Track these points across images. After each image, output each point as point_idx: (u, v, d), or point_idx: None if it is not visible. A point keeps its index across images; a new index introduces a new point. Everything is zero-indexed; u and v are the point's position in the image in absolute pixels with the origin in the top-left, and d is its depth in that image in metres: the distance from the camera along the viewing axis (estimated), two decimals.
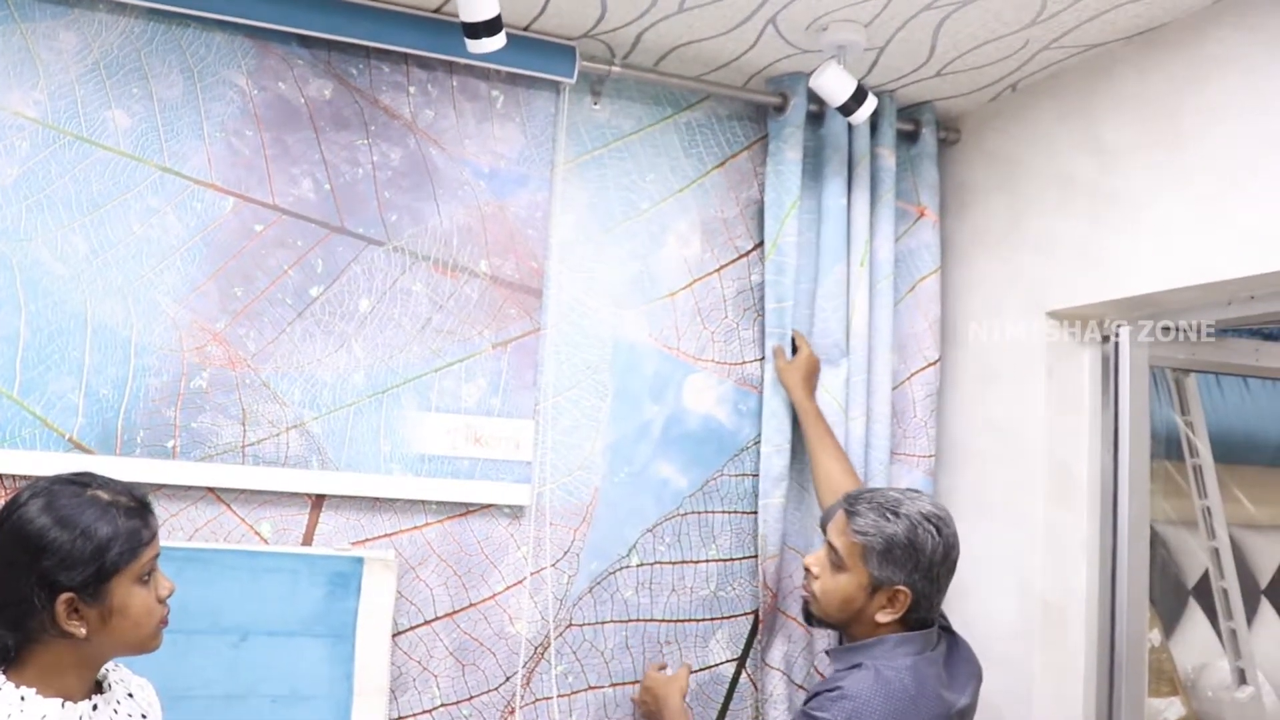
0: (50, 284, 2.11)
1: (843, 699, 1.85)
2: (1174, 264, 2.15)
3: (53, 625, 1.45)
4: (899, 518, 1.95)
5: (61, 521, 1.45)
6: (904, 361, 2.67)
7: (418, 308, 2.34)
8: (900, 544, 1.93)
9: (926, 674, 1.93)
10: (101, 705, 1.55)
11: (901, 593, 1.94)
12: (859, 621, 1.99)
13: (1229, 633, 2.80)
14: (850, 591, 1.97)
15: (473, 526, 2.37)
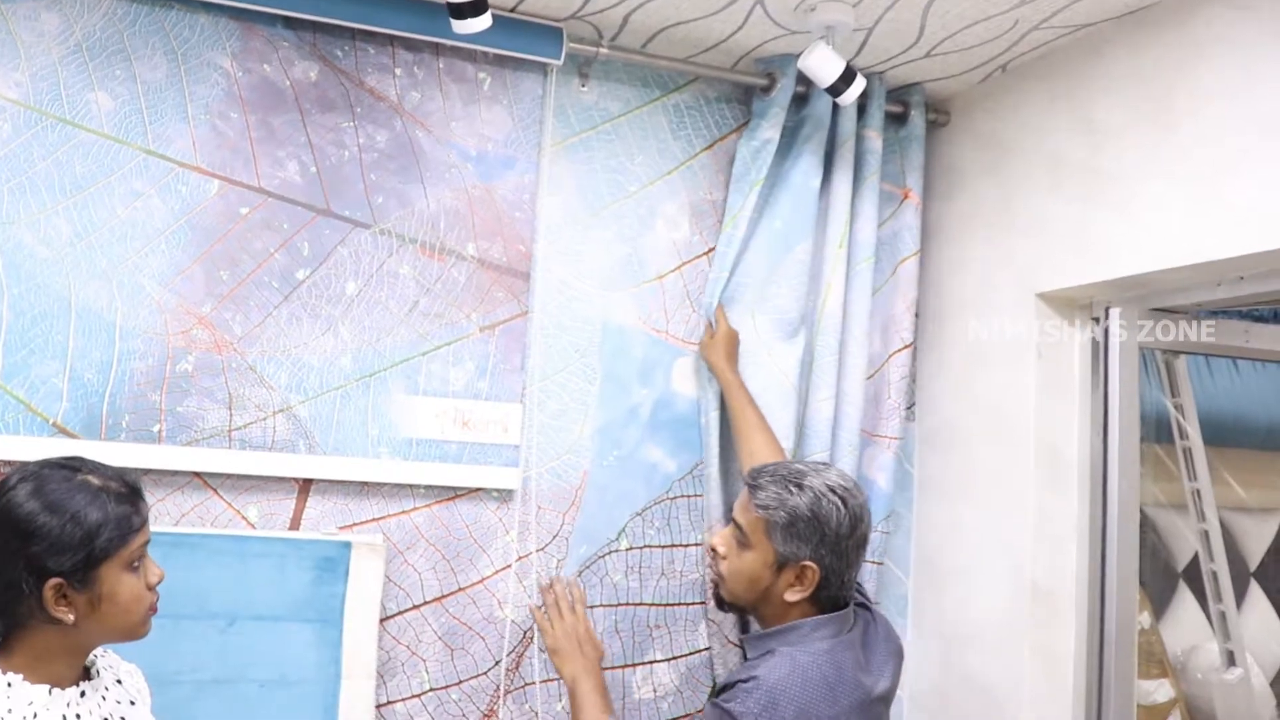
0: (33, 267, 2.09)
1: (757, 689, 1.78)
2: (1165, 245, 2.14)
3: (40, 611, 1.44)
4: (802, 490, 1.89)
5: (51, 506, 1.44)
6: (884, 344, 2.66)
7: (405, 291, 2.33)
8: (804, 517, 1.87)
9: (844, 659, 1.87)
10: (89, 692, 1.54)
11: (809, 569, 1.88)
12: (768, 602, 1.93)
13: (1218, 615, 2.80)
14: (756, 570, 1.92)
15: (461, 511, 2.36)
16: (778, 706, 1.75)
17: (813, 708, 1.77)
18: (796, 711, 1.76)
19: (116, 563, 1.47)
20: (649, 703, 2.51)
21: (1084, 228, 2.33)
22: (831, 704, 1.79)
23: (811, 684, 1.79)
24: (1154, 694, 2.66)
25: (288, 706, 2.15)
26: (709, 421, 2.49)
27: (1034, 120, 2.49)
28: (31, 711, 1.43)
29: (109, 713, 1.57)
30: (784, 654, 1.84)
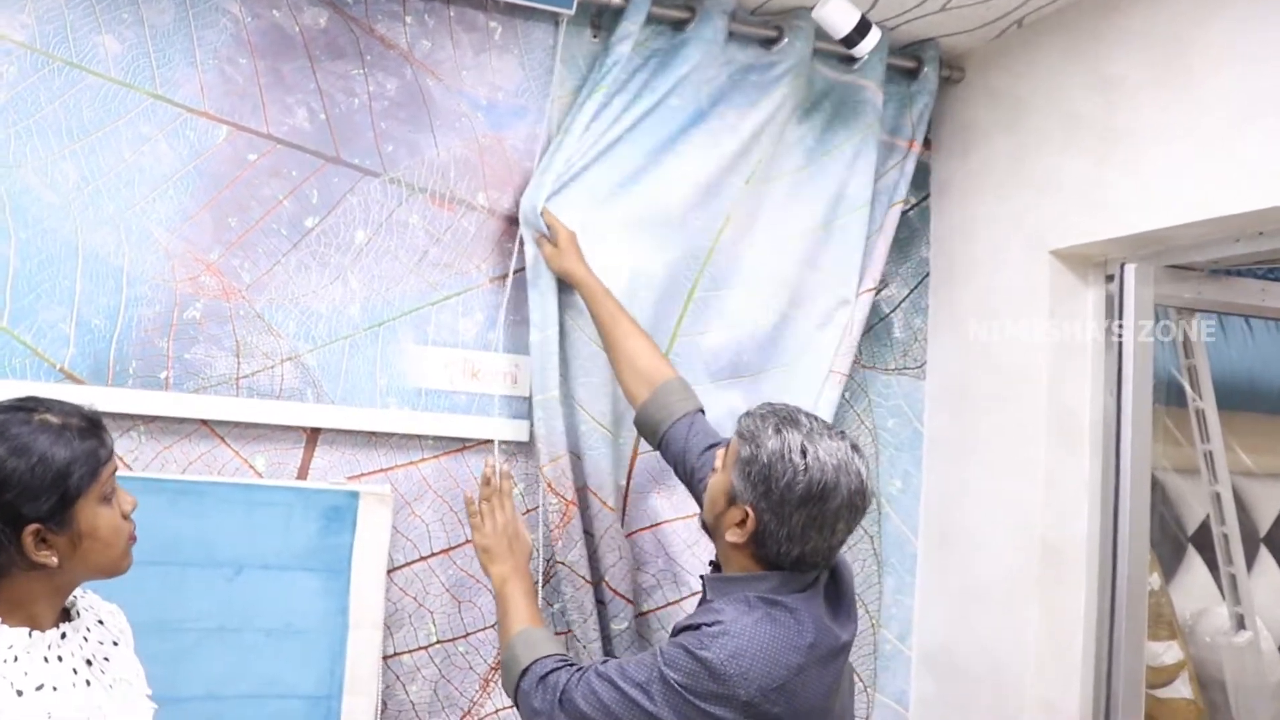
0: (40, 212, 2.07)
1: (724, 635, 1.68)
2: (1181, 200, 2.12)
3: (21, 559, 1.40)
4: (777, 435, 1.73)
5: (16, 451, 1.38)
6: (862, 285, 2.60)
7: (415, 240, 2.31)
8: (759, 461, 1.72)
9: (814, 608, 1.76)
10: (70, 633, 1.51)
11: (749, 517, 1.74)
12: (717, 533, 1.82)
13: (1228, 578, 2.78)
14: (716, 492, 1.81)
15: (469, 462, 2.35)
16: (744, 655, 1.67)
17: (783, 658, 1.69)
18: (767, 662, 1.68)
19: (91, 498, 1.43)
20: None
21: (1099, 184, 2.31)
22: (801, 654, 1.71)
23: (781, 635, 1.70)
24: (1162, 656, 2.65)
25: (294, 656, 2.15)
26: (545, 339, 2.30)
27: (1049, 77, 2.46)
28: (12, 654, 1.39)
29: (91, 654, 1.53)
30: (750, 601, 1.74)
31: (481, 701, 2.36)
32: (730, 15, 2.45)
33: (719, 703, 1.66)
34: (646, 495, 2.44)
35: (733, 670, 1.66)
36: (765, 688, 1.66)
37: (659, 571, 2.41)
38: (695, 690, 1.67)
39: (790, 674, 1.69)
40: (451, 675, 2.33)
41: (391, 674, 2.28)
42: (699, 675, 1.67)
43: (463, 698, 2.34)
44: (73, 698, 1.44)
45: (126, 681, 1.58)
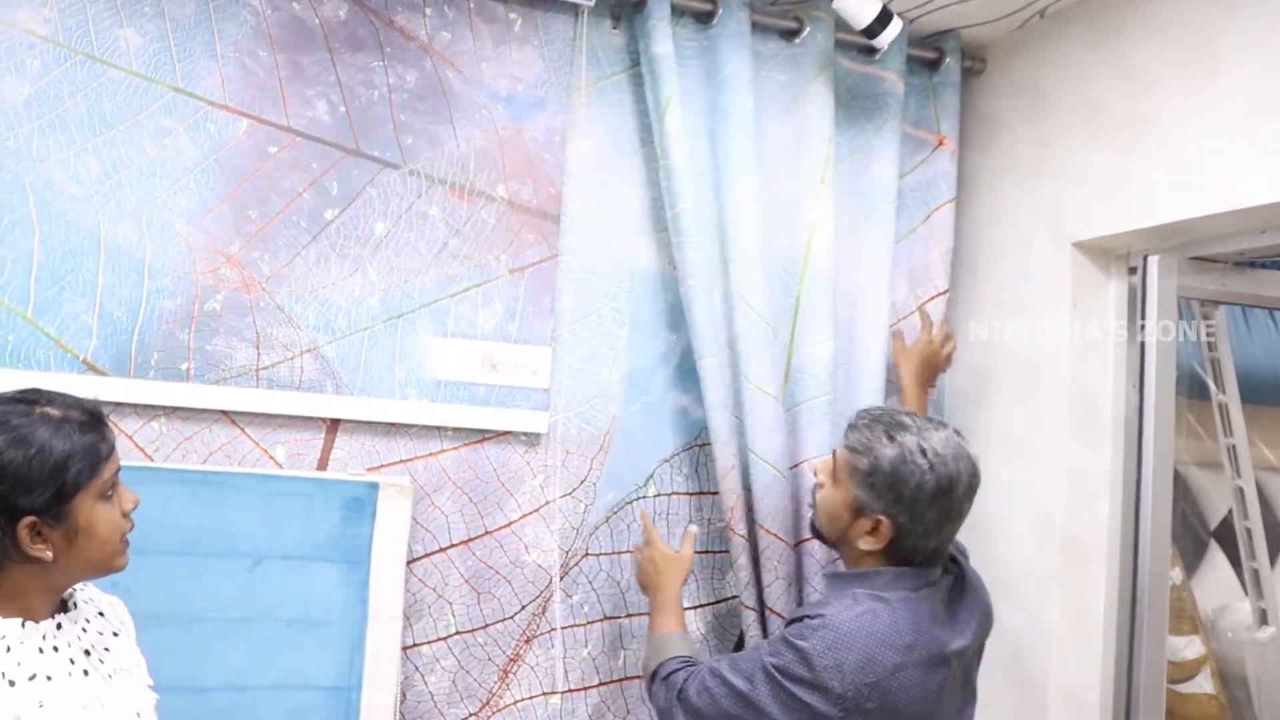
0: (63, 205, 2.08)
1: (824, 628, 1.76)
2: (1207, 190, 2.10)
3: (16, 551, 1.39)
4: (892, 443, 1.81)
5: (14, 442, 1.37)
6: (914, 290, 2.62)
7: (434, 232, 2.31)
8: (883, 471, 1.81)
9: (921, 611, 1.81)
10: (67, 624, 1.50)
11: (882, 523, 1.82)
12: (845, 543, 1.90)
13: (1251, 573, 2.76)
14: (836, 508, 1.89)
15: (489, 454, 2.35)
16: (840, 648, 1.73)
17: (879, 655, 1.73)
18: (862, 657, 1.73)
19: (90, 493, 1.43)
20: None
21: (1123, 175, 2.29)
22: (899, 653, 1.75)
23: (880, 631, 1.75)
24: (1184, 650, 2.63)
25: (314, 647, 2.16)
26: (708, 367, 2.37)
27: (1072, 67, 2.45)
28: (4, 645, 1.39)
29: (90, 644, 1.53)
30: (858, 597, 1.81)
31: (500, 693, 2.36)
32: (750, 6, 2.44)
33: (814, 692, 1.73)
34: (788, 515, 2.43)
35: (828, 662, 1.73)
36: (859, 682, 1.72)
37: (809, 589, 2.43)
38: (792, 678, 1.75)
39: (885, 672, 1.74)
40: (471, 666, 2.33)
41: (411, 665, 2.28)
42: (796, 664, 1.75)
43: (481, 689, 2.35)
44: (68, 687, 1.43)
45: (127, 671, 1.57)
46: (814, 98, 2.50)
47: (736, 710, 1.81)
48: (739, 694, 1.81)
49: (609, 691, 2.45)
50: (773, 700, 1.77)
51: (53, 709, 1.39)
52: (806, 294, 2.47)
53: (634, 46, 2.47)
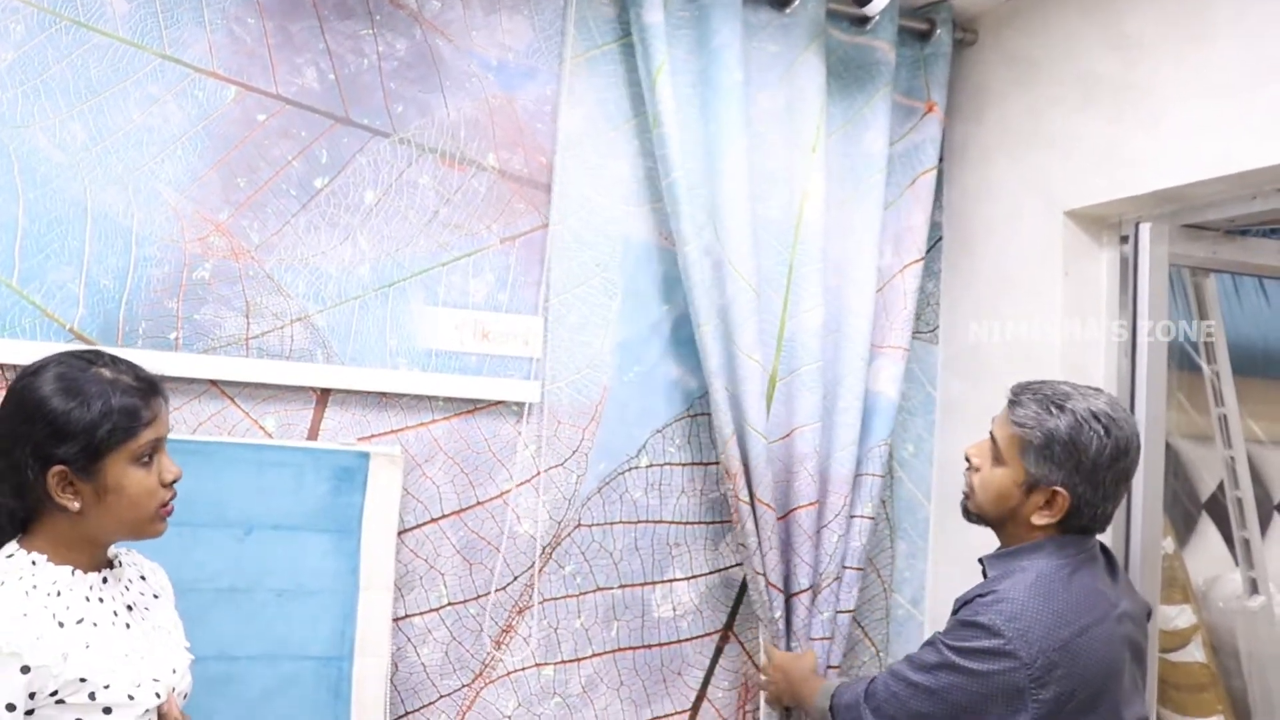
0: (48, 171, 2.05)
1: (1001, 601, 1.76)
2: (1199, 156, 2.11)
3: (47, 497, 1.45)
4: (1063, 412, 1.81)
5: (60, 393, 1.45)
6: (897, 254, 2.61)
7: (424, 200, 2.30)
8: (1060, 441, 1.80)
9: (1089, 574, 1.84)
10: (111, 580, 1.56)
11: (1059, 495, 1.82)
12: (1014, 521, 1.90)
13: (1242, 542, 2.77)
14: (1005, 487, 1.88)
15: (480, 424, 2.34)
16: (1022, 617, 1.74)
17: (1060, 620, 1.75)
18: (1045, 624, 1.73)
19: (122, 455, 1.47)
20: (668, 621, 2.50)
21: (1115, 143, 2.29)
22: (1078, 616, 1.77)
23: (1057, 597, 1.77)
24: (1175, 619, 2.64)
25: (306, 616, 2.14)
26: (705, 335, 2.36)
27: (1064, 37, 2.44)
28: (55, 589, 1.45)
29: (133, 601, 1.59)
30: (1026, 568, 1.82)
31: (493, 664, 2.35)
32: None
33: (1002, 661, 1.73)
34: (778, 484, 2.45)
35: (1013, 632, 1.73)
36: (1046, 648, 1.72)
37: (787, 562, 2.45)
38: (979, 654, 1.74)
39: (1069, 636, 1.75)
40: (463, 637, 2.33)
41: (403, 636, 2.28)
42: (981, 639, 1.75)
43: (474, 660, 2.34)
44: (112, 635, 1.49)
45: (165, 630, 1.63)
46: (805, 67, 2.49)
47: (925, 706, 1.81)
48: (925, 689, 1.81)
49: (602, 662, 2.44)
50: (960, 686, 1.77)
51: (98, 652, 1.44)
52: (799, 262, 2.46)
53: (625, 16, 2.45)
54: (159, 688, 1.51)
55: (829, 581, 2.45)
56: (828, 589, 2.45)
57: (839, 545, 2.46)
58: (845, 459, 2.47)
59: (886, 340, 2.57)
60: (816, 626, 2.46)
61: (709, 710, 2.55)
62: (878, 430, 2.53)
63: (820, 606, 2.46)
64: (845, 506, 2.47)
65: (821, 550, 2.46)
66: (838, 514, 2.46)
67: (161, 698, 1.51)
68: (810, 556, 2.44)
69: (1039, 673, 1.72)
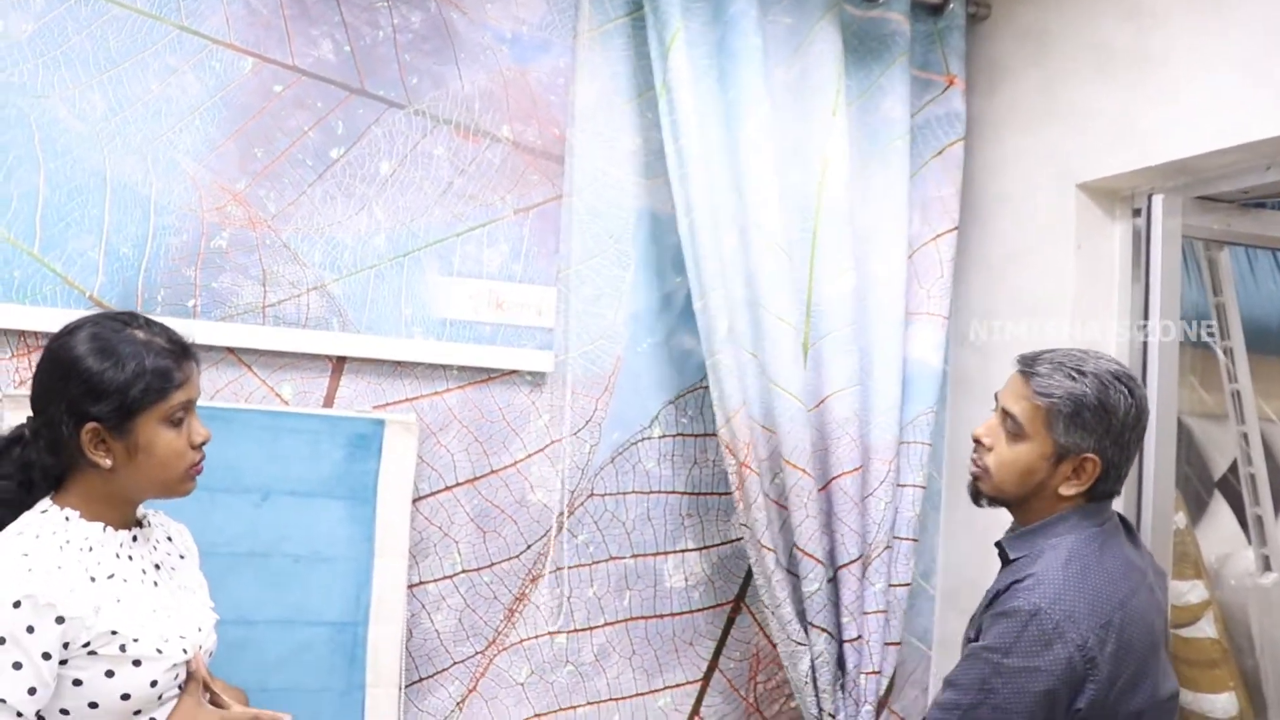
0: (69, 141, 2.08)
1: (1041, 584, 1.70)
2: (1213, 127, 2.10)
3: (80, 454, 1.48)
4: (1085, 376, 1.76)
5: (95, 352, 1.48)
6: (927, 223, 2.62)
7: (439, 172, 2.31)
8: (1090, 406, 1.75)
9: (1115, 541, 1.79)
10: (140, 538, 1.60)
11: (1090, 461, 1.77)
12: (1039, 496, 1.83)
13: (1255, 519, 2.77)
14: (1032, 462, 1.80)
15: (494, 393, 2.36)
16: (1066, 598, 1.68)
17: (1103, 595, 1.70)
18: (1089, 602, 1.68)
19: (154, 415, 1.50)
20: (680, 591, 2.52)
21: (1129, 115, 2.29)
22: (1117, 588, 1.72)
23: (1094, 572, 1.72)
24: (1187, 595, 2.64)
25: (321, 582, 2.17)
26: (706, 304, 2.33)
27: (1077, 9, 2.44)
28: (88, 545, 1.49)
29: (160, 560, 1.62)
30: (1057, 546, 1.76)
31: (506, 631, 2.38)
32: None
33: (1054, 647, 1.65)
34: (817, 454, 2.43)
35: (1059, 614, 1.66)
36: (1094, 625, 1.67)
37: (832, 533, 2.43)
38: (1028, 645, 1.67)
39: (1113, 609, 1.69)
40: (476, 605, 2.35)
41: (417, 602, 2.30)
42: (1028, 627, 1.67)
43: (487, 627, 2.36)
44: (141, 591, 1.53)
45: (190, 590, 1.67)
46: (820, 39, 2.49)
47: (986, 716, 1.70)
48: (986, 707, 1.70)
49: (614, 631, 2.46)
50: (1020, 690, 1.67)
51: (128, 607, 1.48)
52: (823, 227, 2.46)
53: None
54: (185, 644, 1.54)
55: (879, 551, 2.43)
56: (878, 560, 2.43)
57: (886, 513, 2.44)
58: (887, 425, 2.46)
59: (923, 308, 2.57)
60: (870, 599, 2.43)
61: (720, 680, 2.57)
62: (922, 398, 2.53)
63: (871, 578, 2.43)
64: (890, 474, 2.45)
65: (869, 519, 2.44)
66: (882, 481, 2.45)
67: (188, 654, 1.54)
68: (857, 525, 2.41)
69: (1092, 652, 1.66)
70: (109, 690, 1.44)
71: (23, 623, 1.36)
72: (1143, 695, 1.73)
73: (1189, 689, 2.65)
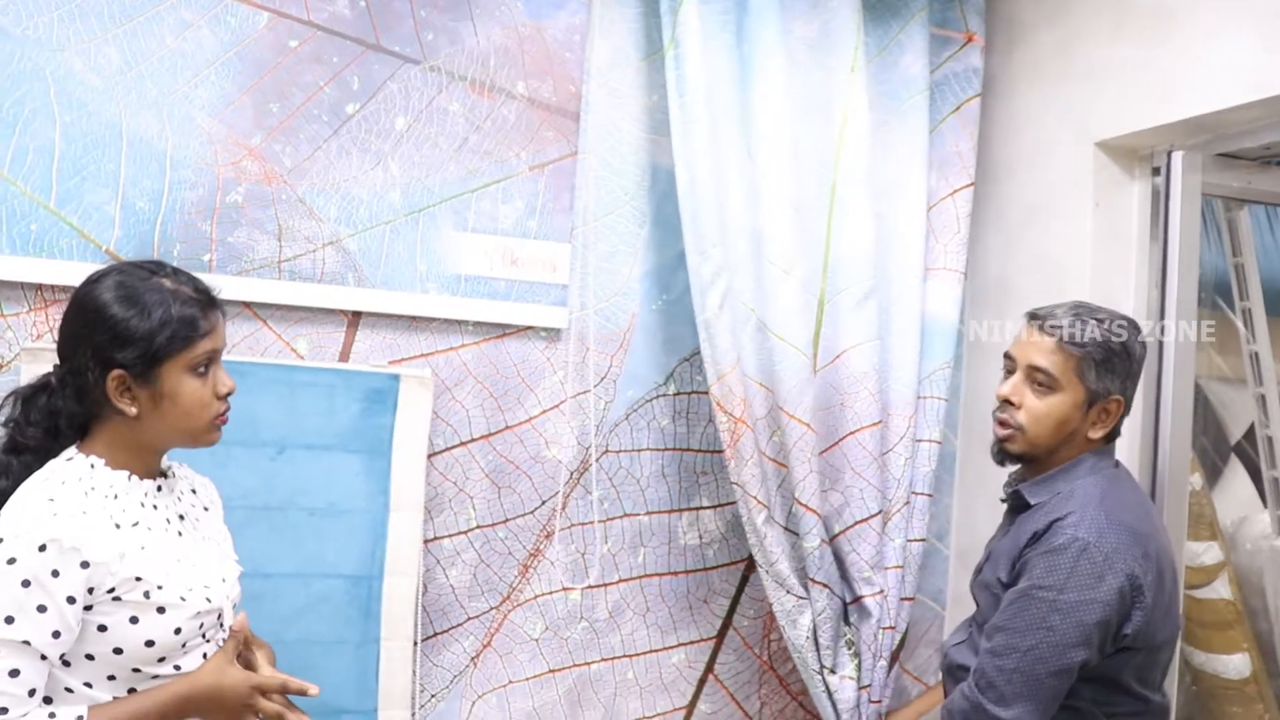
0: (84, 95, 2.08)
1: (1082, 522, 1.76)
2: (1234, 81, 2.08)
3: (105, 401, 1.48)
4: (1102, 324, 1.86)
5: (121, 300, 1.48)
6: (944, 179, 2.60)
7: (454, 127, 2.31)
8: (1116, 351, 1.85)
9: (1125, 484, 1.90)
10: (165, 488, 1.60)
11: (1115, 402, 1.87)
12: (1069, 444, 1.90)
13: (1272, 481, 2.76)
14: (1066, 412, 1.87)
15: (509, 349, 2.36)
16: (1109, 531, 1.74)
17: (1138, 530, 1.77)
18: (1128, 536, 1.75)
19: (179, 364, 1.50)
20: (694, 548, 2.53)
21: (1148, 71, 2.26)
22: (1146, 521, 1.82)
23: (1126, 507, 1.81)
24: (1202, 556, 2.64)
25: (337, 535, 2.18)
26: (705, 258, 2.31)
27: None
28: (113, 492, 1.49)
29: (185, 511, 1.63)
30: (1086, 486, 1.84)
31: (520, 587, 2.39)
32: None
33: (1109, 583, 1.72)
34: (829, 409, 2.43)
35: (1107, 548, 1.73)
36: (1137, 555, 1.75)
37: (846, 488, 2.42)
38: (1083, 580, 1.72)
39: (1148, 540, 1.79)
40: (491, 560, 2.36)
41: (432, 557, 2.31)
42: (1079, 566, 1.73)
43: (502, 582, 2.37)
44: (165, 540, 1.53)
45: (215, 542, 1.68)
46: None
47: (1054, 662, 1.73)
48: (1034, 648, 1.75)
49: (629, 588, 2.47)
50: (1076, 622, 1.72)
51: (152, 554, 1.48)
52: (841, 182, 2.45)
53: None
54: (210, 593, 1.54)
55: (899, 507, 2.44)
56: (898, 515, 2.44)
57: (906, 469, 2.45)
58: (906, 380, 2.46)
59: (939, 263, 2.57)
60: (890, 554, 2.43)
61: (734, 638, 2.58)
62: (938, 353, 2.53)
63: (891, 533, 2.44)
64: (910, 429, 2.45)
65: (889, 474, 2.45)
66: (902, 436, 2.45)
67: (212, 603, 1.54)
68: (877, 480, 2.41)
69: (1139, 580, 1.73)
70: (133, 636, 1.45)
71: (48, 566, 1.37)
72: (1170, 624, 1.84)
73: (1202, 649, 2.66)
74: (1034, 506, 1.90)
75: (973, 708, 1.81)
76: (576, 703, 2.46)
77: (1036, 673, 1.74)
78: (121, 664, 1.46)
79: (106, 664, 1.45)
